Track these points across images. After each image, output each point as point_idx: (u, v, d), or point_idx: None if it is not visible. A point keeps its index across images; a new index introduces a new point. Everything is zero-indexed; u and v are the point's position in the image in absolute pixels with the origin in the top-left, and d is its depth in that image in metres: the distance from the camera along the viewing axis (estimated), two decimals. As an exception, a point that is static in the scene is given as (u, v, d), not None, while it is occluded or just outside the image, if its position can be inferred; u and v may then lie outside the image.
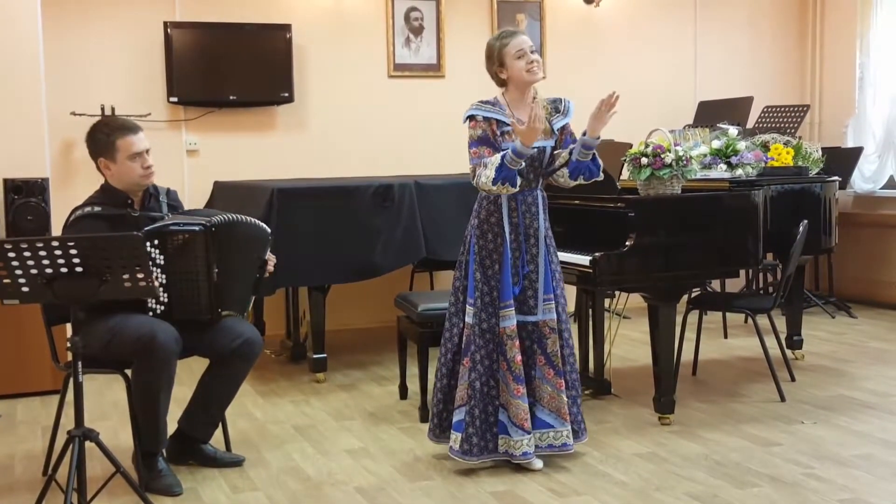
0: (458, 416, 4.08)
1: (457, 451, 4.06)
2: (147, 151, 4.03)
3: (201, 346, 4.09)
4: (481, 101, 4.10)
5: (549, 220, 4.20)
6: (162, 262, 3.90)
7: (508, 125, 4.02)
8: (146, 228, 3.90)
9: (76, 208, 4.04)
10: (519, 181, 3.97)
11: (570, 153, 4.16)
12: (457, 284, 4.19)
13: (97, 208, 3.99)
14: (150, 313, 3.93)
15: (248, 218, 4.20)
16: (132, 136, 4.00)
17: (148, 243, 3.83)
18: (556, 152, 4.18)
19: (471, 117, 4.08)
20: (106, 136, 4.00)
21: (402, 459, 4.30)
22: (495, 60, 4.11)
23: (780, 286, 5.31)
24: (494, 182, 3.92)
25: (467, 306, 4.10)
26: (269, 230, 4.26)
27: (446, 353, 4.20)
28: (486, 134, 4.03)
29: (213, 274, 3.96)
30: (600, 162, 4.23)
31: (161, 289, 3.90)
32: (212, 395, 4.18)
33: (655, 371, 4.77)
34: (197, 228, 3.95)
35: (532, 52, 4.09)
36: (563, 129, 4.22)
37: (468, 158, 4.06)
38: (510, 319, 4.05)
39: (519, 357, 4.04)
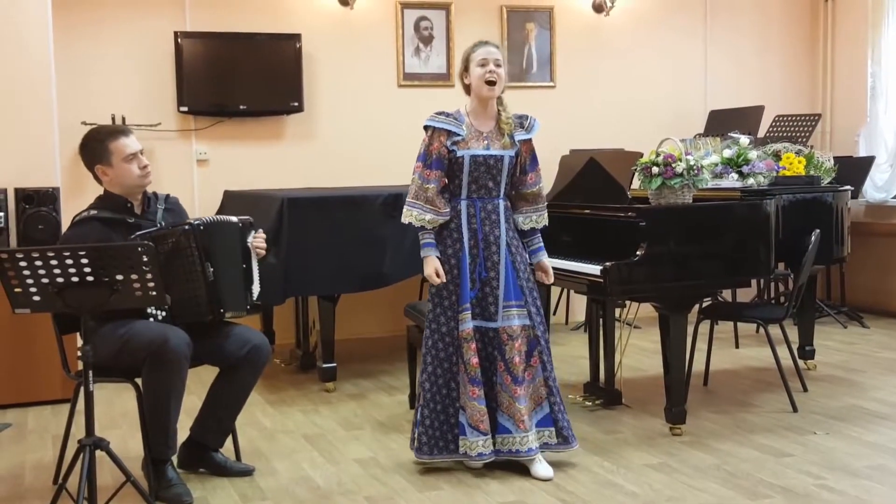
0: (417, 414, 4.22)
1: (413, 449, 4.22)
2: (141, 152, 4.06)
3: (210, 355, 4.10)
4: (438, 112, 4.20)
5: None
6: None
7: (460, 135, 4.12)
8: (139, 233, 3.91)
9: (76, 215, 4.06)
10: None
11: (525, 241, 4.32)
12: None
13: (94, 212, 4.01)
14: (152, 319, 3.94)
15: (221, 217, 4.21)
16: (125, 139, 4.03)
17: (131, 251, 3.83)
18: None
19: (425, 128, 4.21)
20: (99, 142, 4.02)
21: (412, 469, 4.29)
22: (463, 64, 4.21)
23: (792, 296, 5.29)
24: (403, 221, 4.18)
25: (427, 312, 4.23)
26: (241, 219, 4.20)
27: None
28: (428, 150, 4.16)
29: (207, 272, 3.96)
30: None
31: None
32: (222, 402, 4.18)
33: (666, 381, 4.76)
34: (186, 228, 3.96)
35: (496, 64, 4.12)
36: (525, 143, 4.24)
37: None
38: (467, 323, 4.11)
39: (475, 360, 4.10)
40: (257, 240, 4.24)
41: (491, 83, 4.11)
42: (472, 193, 4.16)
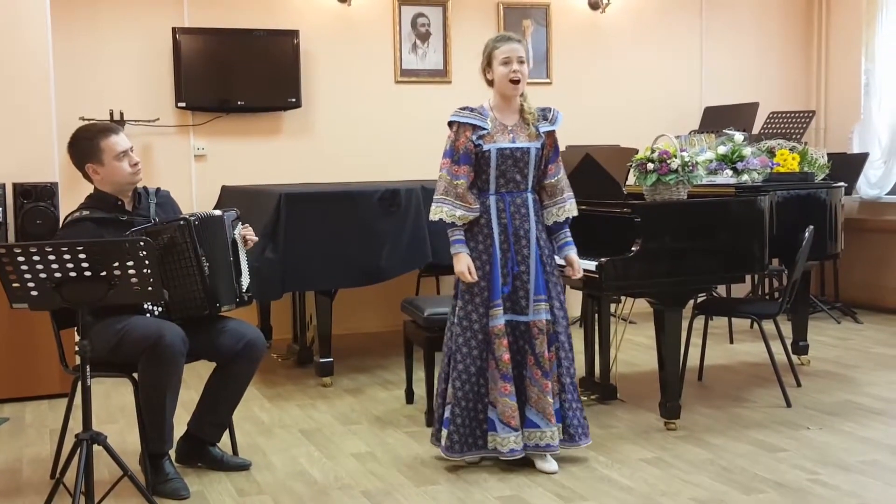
0: (447, 413, 4.15)
1: (443, 449, 4.14)
2: (131, 149, 4.05)
3: (206, 350, 4.11)
4: (461, 108, 4.17)
5: (542, 223, 4.22)
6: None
7: (485, 129, 4.10)
8: (132, 230, 3.92)
9: (67, 216, 4.06)
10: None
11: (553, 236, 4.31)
12: (454, 286, 4.26)
13: (86, 212, 4.01)
14: (148, 315, 3.95)
15: (207, 211, 4.22)
16: (115, 136, 4.01)
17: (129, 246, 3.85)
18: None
19: (449, 124, 4.17)
20: (89, 140, 4.01)
21: (409, 464, 4.31)
22: (485, 59, 4.20)
23: (785, 291, 5.32)
24: (432, 218, 4.15)
25: (456, 308, 4.18)
26: (225, 212, 4.21)
27: (445, 356, 4.26)
28: (454, 146, 4.12)
29: (203, 267, 3.97)
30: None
31: None
32: (219, 396, 4.20)
33: (661, 376, 4.78)
34: (181, 223, 3.97)
35: (519, 62, 4.12)
36: (549, 135, 4.23)
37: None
38: (499, 318, 4.10)
39: (507, 356, 4.09)
40: (246, 231, 4.25)
41: (515, 82, 4.11)
42: (500, 188, 4.14)
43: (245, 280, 4.21)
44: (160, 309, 4.00)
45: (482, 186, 4.15)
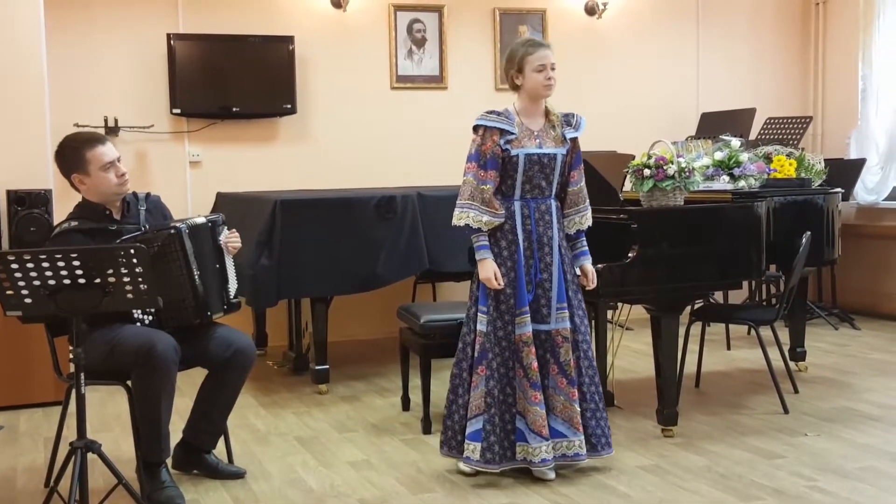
0: (474, 425, 4.07)
1: (477, 461, 4.06)
2: (118, 160, 4.01)
3: (197, 357, 4.10)
4: (488, 112, 4.13)
5: (564, 231, 4.21)
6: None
7: (513, 133, 4.06)
8: (119, 240, 3.89)
9: (55, 226, 4.02)
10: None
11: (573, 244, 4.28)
12: (471, 293, 4.21)
13: (74, 223, 3.96)
14: (139, 324, 3.93)
15: (192, 219, 4.14)
16: (101, 147, 3.96)
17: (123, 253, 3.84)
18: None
19: (475, 128, 4.12)
20: (75, 150, 3.96)
21: (405, 471, 4.29)
22: (515, 65, 4.14)
23: (783, 298, 5.31)
24: (456, 223, 4.09)
25: (479, 314, 4.12)
26: (208, 218, 4.17)
27: (462, 365, 4.19)
28: (480, 150, 4.07)
29: (195, 276, 3.95)
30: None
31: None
32: (211, 403, 4.18)
33: (658, 383, 4.77)
34: (172, 232, 3.94)
35: (552, 69, 4.11)
36: (573, 141, 4.22)
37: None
38: (526, 326, 4.06)
39: (535, 364, 4.05)
40: (231, 238, 4.22)
41: (550, 87, 4.11)
42: (525, 194, 4.10)
43: (232, 286, 4.19)
44: (151, 317, 3.98)
45: (507, 192, 4.12)
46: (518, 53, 4.14)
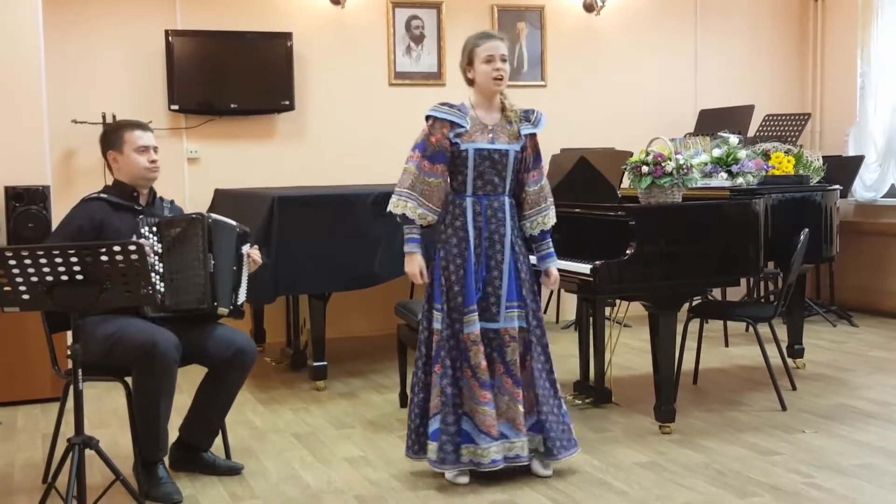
0: (433, 425, 4.02)
1: (434, 462, 4.02)
2: (154, 149, 4.18)
3: (197, 354, 4.10)
4: (441, 103, 4.08)
5: (519, 228, 4.14)
6: (160, 251, 3.97)
7: (464, 127, 4.01)
8: (141, 217, 4.02)
9: (86, 195, 4.17)
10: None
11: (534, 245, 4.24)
12: (426, 290, 4.15)
13: (104, 195, 4.13)
14: (142, 318, 3.94)
15: (221, 217, 4.24)
16: (140, 131, 4.17)
17: (146, 228, 3.97)
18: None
19: (426, 118, 4.09)
20: (116, 130, 4.20)
21: (402, 468, 4.29)
22: (465, 57, 4.11)
23: (781, 295, 5.31)
24: (390, 209, 4.07)
25: (434, 312, 4.06)
26: (239, 226, 4.25)
27: (418, 364, 4.15)
28: (426, 141, 4.02)
29: (209, 263, 3.99)
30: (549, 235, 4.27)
31: (158, 277, 3.93)
32: (209, 403, 4.19)
33: (656, 380, 4.77)
34: (196, 217, 4.04)
35: (502, 60, 4.04)
36: (531, 138, 4.14)
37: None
38: (473, 325, 3.99)
39: (484, 363, 3.98)
40: (254, 252, 4.29)
41: (498, 80, 4.04)
42: (477, 190, 4.04)
43: (242, 294, 4.22)
44: (159, 295, 3.96)
45: (458, 188, 4.06)
46: (468, 45, 4.10)
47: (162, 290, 3.96)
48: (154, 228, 4.00)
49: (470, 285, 4.01)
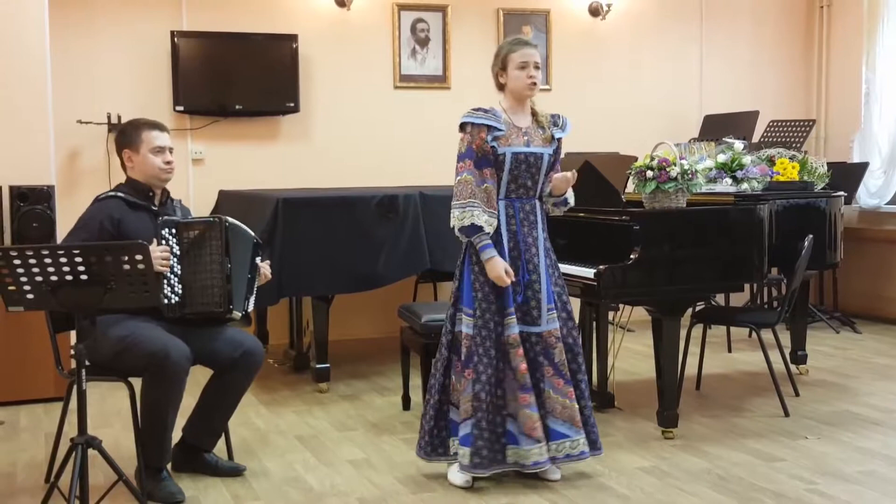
0: (464, 429, 4.01)
1: (466, 466, 3.99)
2: (170, 150, 4.20)
3: (204, 357, 4.11)
4: (474, 109, 4.07)
5: (550, 232, 4.19)
6: (178, 253, 3.98)
7: (501, 130, 4.01)
8: (164, 218, 4.02)
9: (100, 194, 4.17)
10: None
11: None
12: (454, 294, 4.16)
13: (120, 193, 4.13)
14: (166, 301, 3.92)
15: (242, 224, 4.27)
16: (157, 132, 4.19)
17: (166, 230, 3.97)
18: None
19: (461, 126, 4.08)
20: (134, 128, 4.20)
21: (405, 471, 4.29)
22: (499, 62, 4.12)
23: (784, 301, 5.30)
24: (456, 229, 4.02)
25: (463, 316, 4.05)
26: (255, 237, 4.29)
27: (437, 366, 4.15)
28: (472, 147, 4.01)
29: (226, 267, 4.00)
30: (571, 202, 4.28)
31: (176, 279, 3.94)
32: (214, 405, 4.19)
33: (659, 385, 4.77)
34: (214, 220, 4.05)
35: (536, 67, 4.07)
36: (559, 141, 4.21)
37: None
38: (513, 328, 4.01)
39: (523, 366, 3.99)
40: (265, 266, 4.32)
41: (532, 86, 4.06)
42: (510, 193, 4.05)
43: (251, 303, 4.25)
44: (177, 298, 3.97)
45: None
46: (502, 51, 4.11)
47: (180, 292, 3.96)
48: (174, 230, 4.00)
49: (507, 288, 4.00)
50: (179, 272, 3.97)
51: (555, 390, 4.06)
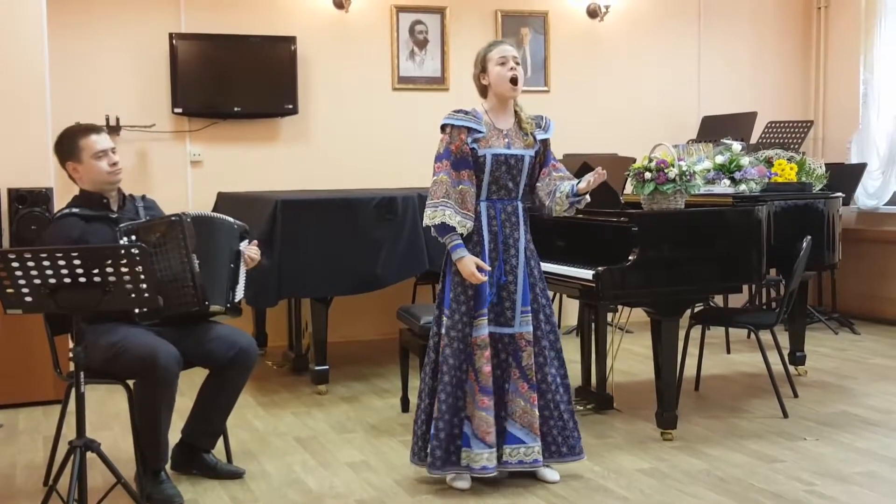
0: (432, 429, 4.03)
1: (427, 465, 4.03)
2: (113, 150, 4.07)
3: (199, 357, 4.10)
4: (455, 111, 4.07)
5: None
6: None
7: (481, 132, 4.01)
8: (123, 225, 3.95)
9: (55, 213, 4.08)
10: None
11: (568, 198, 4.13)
12: (437, 296, 4.16)
13: (75, 209, 4.03)
14: (136, 310, 3.89)
15: (217, 214, 4.23)
16: (94, 136, 4.05)
17: (125, 239, 3.90)
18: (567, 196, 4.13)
19: (442, 127, 4.07)
20: (69, 138, 4.06)
21: (404, 473, 4.28)
22: (478, 65, 4.11)
23: (783, 302, 5.31)
24: (428, 229, 4.02)
25: (444, 317, 4.05)
26: (237, 223, 4.25)
27: (426, 370, 4.14)
28: (450, 149, 4.00)
29: (193, 264, 3.95)
30: (588, 198, 4.21)
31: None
32: (212, 404, 4.19)
33: (658, 386, 4.77)
34: (174, 219, 3.97)
35: (515, 62, 4.05)
36: (543, 142, 4.17)
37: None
38: (483, 329, 3.99)
39: (487, 368, 3.98)
40: (251, 249, 4.25)
41: (514, 80, 4.03)
42: (491, 195, 4.05)
43: (239, 292, 4.21)
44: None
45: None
46: (480, 54, 4.12)
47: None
48: (133, 238, 3.92)
49: (483, 289, 4.00)
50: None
51: (517, 394, 4.04)
